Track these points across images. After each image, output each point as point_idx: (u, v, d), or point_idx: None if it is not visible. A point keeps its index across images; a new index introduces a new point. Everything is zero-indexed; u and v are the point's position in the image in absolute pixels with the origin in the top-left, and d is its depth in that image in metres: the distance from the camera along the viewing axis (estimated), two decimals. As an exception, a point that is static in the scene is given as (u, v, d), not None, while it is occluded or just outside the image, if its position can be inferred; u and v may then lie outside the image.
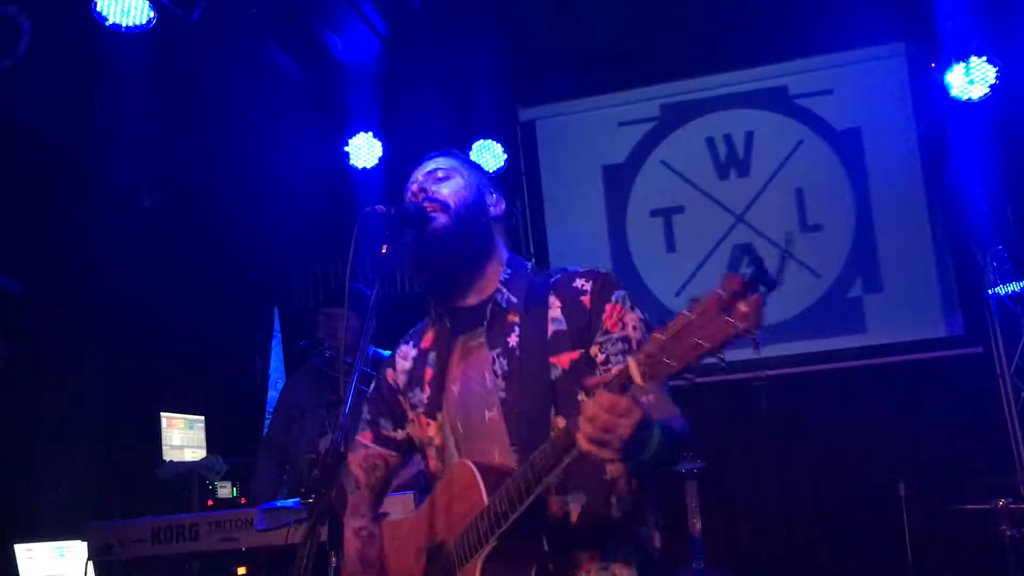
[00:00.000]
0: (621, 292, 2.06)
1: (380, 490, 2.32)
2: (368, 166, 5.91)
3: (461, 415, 2.08)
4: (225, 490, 5.07)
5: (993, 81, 5.42)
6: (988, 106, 5.48)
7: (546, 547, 1.82)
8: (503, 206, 2.24)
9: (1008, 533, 4.32)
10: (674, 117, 6.35)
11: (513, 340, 2.05)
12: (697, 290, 5.66)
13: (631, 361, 1.57)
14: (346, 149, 5.90)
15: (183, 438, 5.52)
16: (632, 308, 2.05)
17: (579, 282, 2.08)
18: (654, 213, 6.30)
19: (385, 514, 2.33)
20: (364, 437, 2.29)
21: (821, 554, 5.66)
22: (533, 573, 1.80)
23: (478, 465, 1.91)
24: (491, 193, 2.23)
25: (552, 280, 2.12)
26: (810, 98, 6.13)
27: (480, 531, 1.82)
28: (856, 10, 5.70)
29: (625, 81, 6.38)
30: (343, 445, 1.75)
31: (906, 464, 5.21)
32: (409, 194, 2.20)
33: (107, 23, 4.22)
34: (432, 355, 2.19)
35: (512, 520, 1.77)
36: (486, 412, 2.04)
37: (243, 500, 4.84)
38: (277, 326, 6.48)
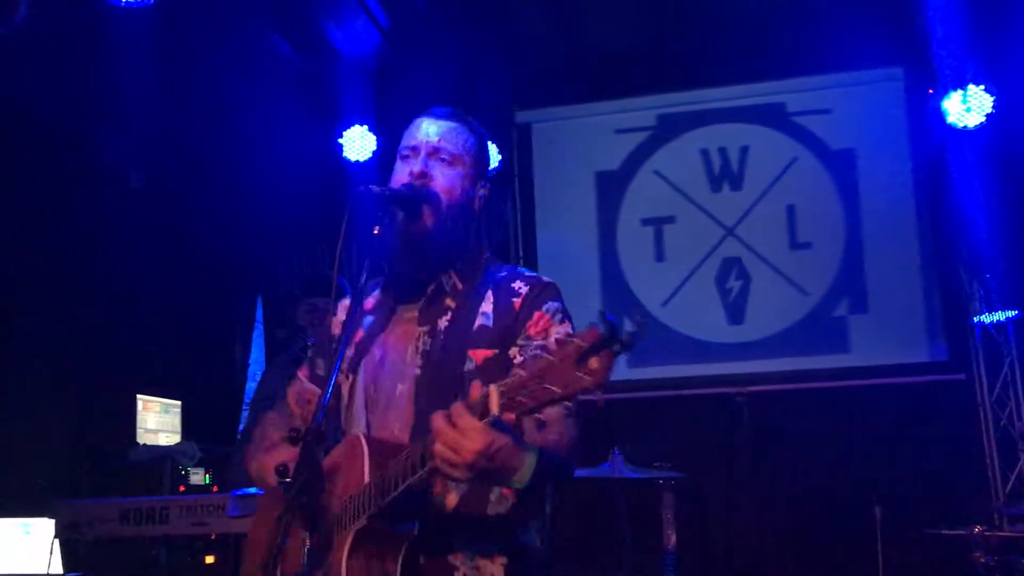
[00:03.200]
0: (556, 304, 2.07)
1: None
2: (361, 159, 5.88)
3: (375, 381, 2.09)
4: (198, 477, 5.01)
5: (990, 110, 5.45)
6: (983, 134, 5.50)
7: (416, 531, 1.84)
8: (486, 192, 2.21)
9: (982, 560, 4.30)
10: (670, 128, 6.35)
11: (443, 323, 2.07)
12: (685, 302, 5.66)
13: (493, 390, 1.59)
14: (340, 141, 5.87)
15: (158, 422, 5.46)
16: (561, 322, 2.06)
17: (518, 284, 2.09)
18: (645, 222, 6.30)
19: None
20: (301, 372, 2.31)
21: (794, 572, 5.65)
22: (401, 554, 1.83)
23: (369, 440, 1.92)
24: (483, 185, 2.19)
25: (498, 276, 2.13)
26: (807, 116, 6.15)
27: (358, 504, 1.83)
28: (856, 33, 5.72)
29: (623, 89, 6.39)
30: (323, 426, 1.71)
31: (883, 487, 5.20)
32: (407, 166, 2.12)
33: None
34: (369, 318, 2.19)
35: (382, 505, 1.78)
36: (399, 384, 2.05)
37: (215, 488, 4.78)
38: (260, 315, 6.43)
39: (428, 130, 2.13)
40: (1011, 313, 5.64)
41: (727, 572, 5.81)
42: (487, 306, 2.07)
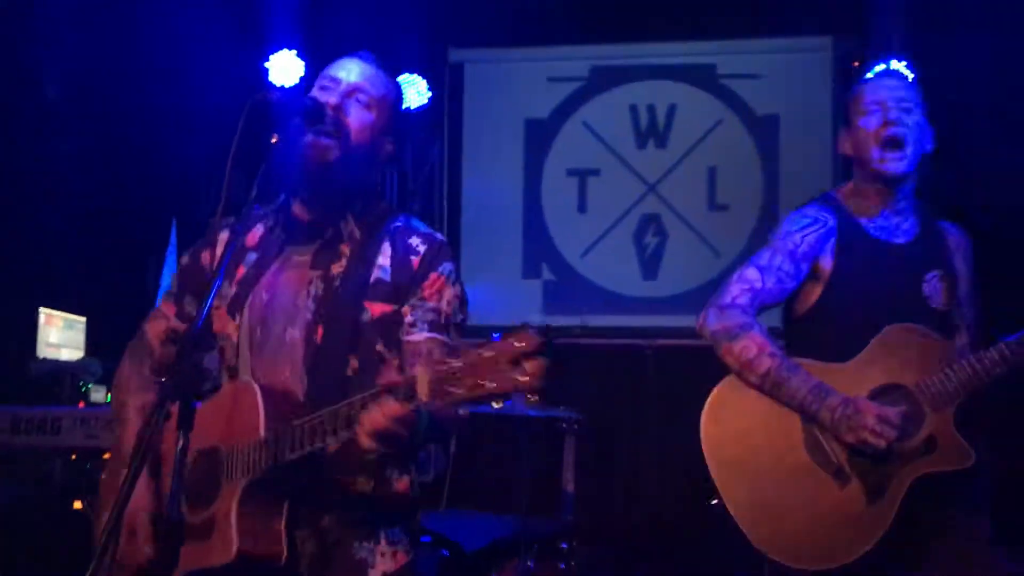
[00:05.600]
0: (450, 265, 2.10)
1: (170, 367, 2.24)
2: (287, 84, 5.77)
3: (262, 323, 2.07)
4: (99, 394, 4.95)
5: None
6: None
7: (305, 481, 1.88)
8: (393, 150, 2.20)
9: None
10: (602, 80, 6.37)
11: (336, 269, 2.06)
12: (602, 255, 5.73)
13: (421, 376, 1.62)
14: (266, 65, 5.75)
15: (61, 337, 5.36)
16: (453, 284, 2.09)
17: (415, 241, 2.11)
18: (570, 172, 6.35)
19: None
20: (168, 309, 2.24)
21: (690, 521, 5.84)
22: (285, 509, 1.87)
23: (264, 390, 1.92)
24: (391, 139, 2.18)
25: (393, 227, 2.13)
26: (736, 80, 6.23)
27: (252, 459, 1.85)
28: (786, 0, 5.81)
29: (559, 37, 6.37)
30: (203, 329, 1.72)
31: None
32: (324, 97, 2.08)
33: None
34: (252, 255, 2.15)
35: (281, 462, 1.82)
36: (288, 329, 2.03)
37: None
38: (174, 238, 6.30)
39: (351, 68, 2.13)
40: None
41: (625, 519, 5.97)
42: (383, 259, 2.07)
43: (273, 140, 1.95)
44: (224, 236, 2.15)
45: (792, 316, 2.75)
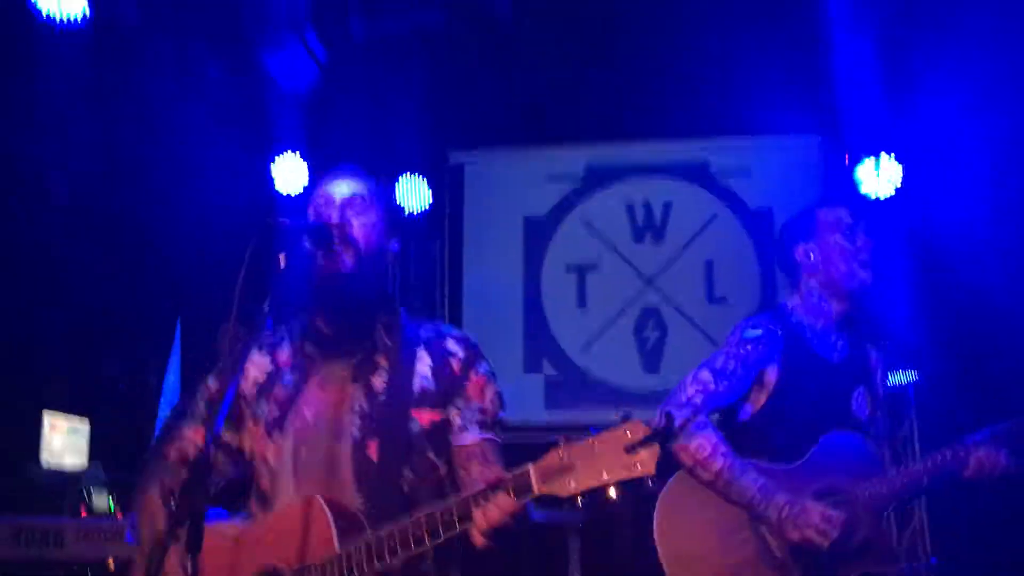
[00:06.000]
0: (487, 365, 2.18)
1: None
2: (293, 193, 5.87)
3: (308, 442, 2.07)
4: (102, 501, 4.91)
5: (899, 183, 5.73)
6: (892, 204, 5.77)
7: None
8: (398, 247, 2.27)
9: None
10: (598, 178, 6.53)
11: (379, 383, 2.09)
12: (603, 349, 5.76)
13: (532, 469, 1.68)
14: (271, 169, 5.88)
15: (65, 442, 5.34)
16: (493, 382, 2.16)
17: (451, 345, 2.17)
18: (569, 268, 6.44)
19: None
20: (195, 434, 2.23)
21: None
22: None
23: (331, 505, 1.91)
24: (393, 233, 2.24)
25: (425, 335, 2.18)
26: (728, 176, 6.38)
27: (334, 572, 1.84)
28: (778, 99, 5.97)
29: (555, 137, 6.55)
30: (214, 450, 1.75)
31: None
32: (323, 211, 2.16)
33: (42, 16, 4.17)
34: (288, 374, 2.16)
35: (379, 570, 1.81)
36: (336, 446, 2.04)
37: (120, 515, 4.69)
38: (178, 339, 6.34)
39: (341, 183, 2.21)
40: (911, 376, 5.88)
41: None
42: (423, 367, 2.12)
43: (281, 262, 2.01)
44: (259, 360, 2.20)
45: (736, 420, 2.89)
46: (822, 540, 2.56)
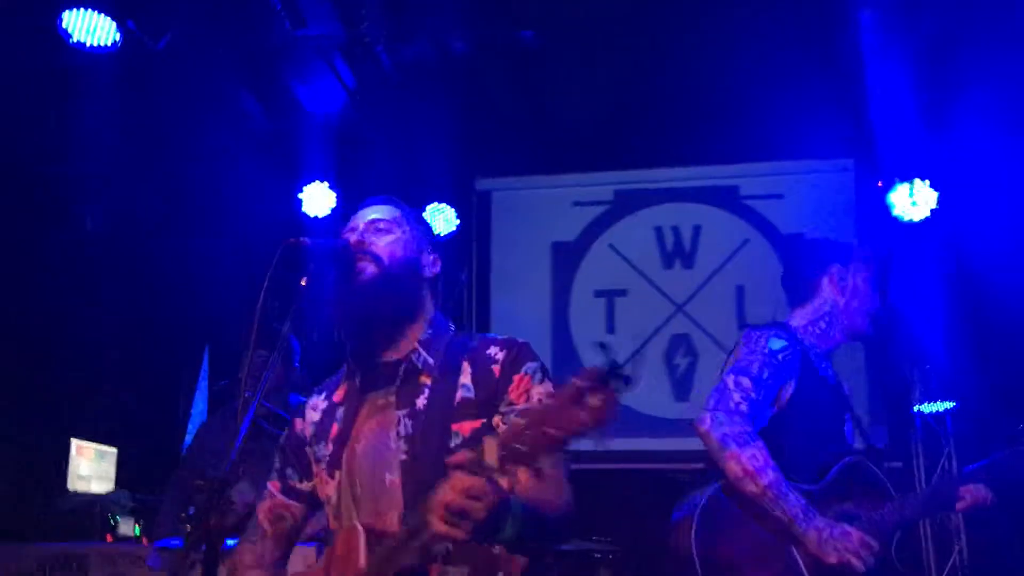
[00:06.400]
0: (534, 364, 2.05)
1: (285, 542, 2.23)
2: (320, 215, 5.90)
3: (360, 475, 2.03)
4: (128, 527, 4.91)
5: (934, 206, 5.63)
6: (927, 228, 5.67)
7: None
8: (439, 267, 2.22)
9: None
10: (626, 204, 6.48)
11: (421, 402, 2.02)
12: (632, 374, 5.63)
13: (488, 443, 1.56)
14: (300, 196, 5.90)
15: (92, 468, 5.35)
16: (542, 381, 2.03)
17: (493, 350, 2.06)
18: (598, 294, 6.38)
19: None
20: (273, 486, 2.22)
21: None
22: None
23: (367, 529, 1.89)
24: (429, 252, 2.20)
25: (470, 346, 2.11)
26: (759, 200, 6.31)
27: None
28: (809, 124, 5.91)
29: (583, 163, 6.52)
30: (231, 472, 1.71)
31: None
32: (347, 235, 2.17)
33: (71, 41, 4.22)
34: (341, 410, 2.14)
35: None
36: (387, 475, 1.99)
37: (144, 540, 4.68)
38: (206, 365, 6.36)
39: (365, 212, 2.21)
40: (949, 404, 5.74)
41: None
42: (465, 377, 2.03)
43: (303, 282, 1.98)
44: (315, 401, 2.21)
45: None
46: (860, 564, 2.58)
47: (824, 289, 2.95)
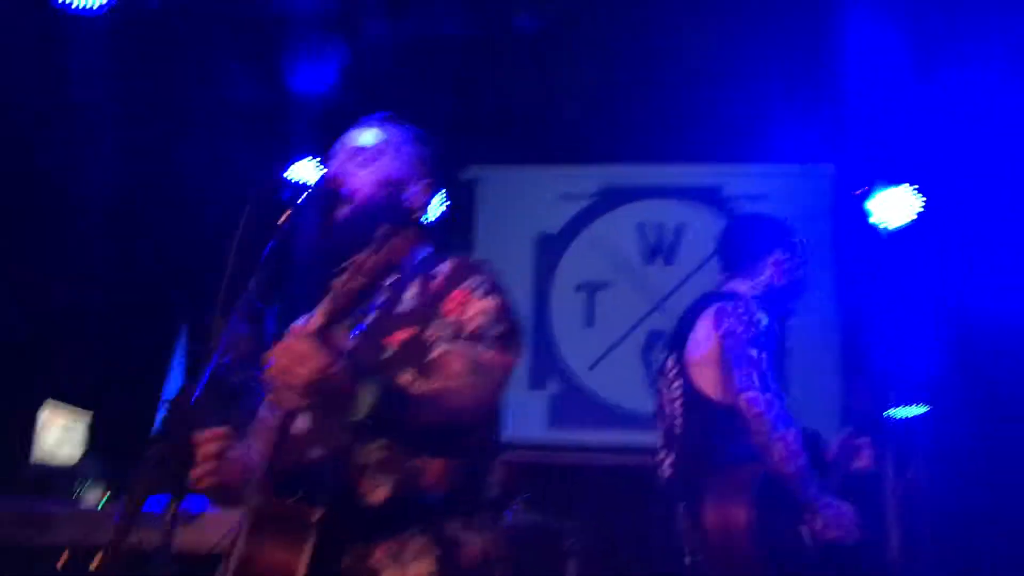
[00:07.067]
0: (479, 278, 1.95)
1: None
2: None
3: None
4: (96, 495, 4.86)
5: (912, 214, 5.69)
6: (906, 234, 5.73)
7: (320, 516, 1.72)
8: (430, 195, 2.14)
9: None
10: (611, 198, 6.51)
11: (368, 321, 1.97)
12: (611, 367, 5.69)
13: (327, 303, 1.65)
14: (287, 171, 5.88)
15: (62, 435, 5.30)
16: (482, 297, 1.91)
17: (444, 264, 2.01)
18: (579, 287, 6.39)
19: None
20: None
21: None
22: (308, 543, 1.69)
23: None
24: (419, 179, 2.12)
25: (430, 265, 2.04)
26: (741, 200, 6.35)
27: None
28: (792, 127, 5.97)
29: (570, 156, 6.54)
30: (195, 396, 1.71)
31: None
32: (328, 164, 2.13)
33: (59, 1, 4.19)
34: None
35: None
36: None
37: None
38: (183, 343, 6.32)
39: (349, 136, 2.14)
40: (923, 409, 5.78)
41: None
42: (410, 292, 1.96)
43: (280, 222, 1.95)
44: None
45: (719, 404, 2.96)
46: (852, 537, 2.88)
47: (767, 269, 3.05)
